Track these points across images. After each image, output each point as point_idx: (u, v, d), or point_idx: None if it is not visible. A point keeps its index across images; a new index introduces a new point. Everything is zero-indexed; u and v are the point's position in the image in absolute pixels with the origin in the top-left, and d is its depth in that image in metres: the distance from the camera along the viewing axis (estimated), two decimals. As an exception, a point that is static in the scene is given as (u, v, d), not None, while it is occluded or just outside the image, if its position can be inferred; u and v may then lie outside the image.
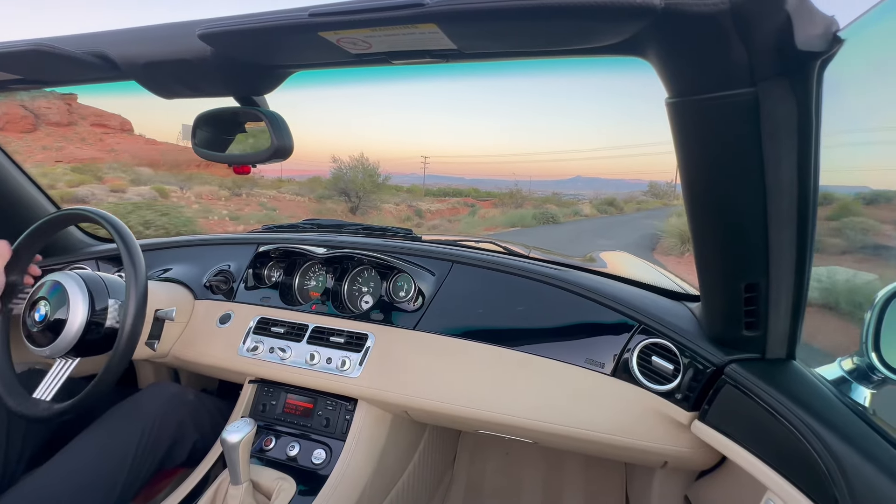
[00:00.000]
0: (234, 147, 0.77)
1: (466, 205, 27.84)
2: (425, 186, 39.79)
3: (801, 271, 0.63)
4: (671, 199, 45.20)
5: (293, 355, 1.05)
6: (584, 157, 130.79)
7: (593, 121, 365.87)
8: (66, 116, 24.51)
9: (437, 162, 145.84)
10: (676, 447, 0.85)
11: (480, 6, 0.41)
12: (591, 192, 40.75)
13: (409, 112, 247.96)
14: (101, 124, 25.44)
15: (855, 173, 4.08)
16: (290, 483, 0.92)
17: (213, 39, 0.54)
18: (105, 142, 24.38)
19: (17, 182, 1.25)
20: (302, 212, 18.66)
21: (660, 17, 0.40)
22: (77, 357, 0.92)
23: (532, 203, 28.28)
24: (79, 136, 23.96)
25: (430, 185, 36.18)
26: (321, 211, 20.08)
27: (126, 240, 0.92)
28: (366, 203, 19.60)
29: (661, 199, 41.97)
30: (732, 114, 0.51)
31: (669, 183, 51.74)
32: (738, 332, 0.73)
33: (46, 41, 0.61)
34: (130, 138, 26.75)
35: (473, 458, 1.59)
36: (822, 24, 0.44)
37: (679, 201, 0.66)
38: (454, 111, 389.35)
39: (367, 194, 19.70)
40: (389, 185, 24.81)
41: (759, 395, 0.66)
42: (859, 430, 0.57)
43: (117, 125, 26.34)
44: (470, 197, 26.62)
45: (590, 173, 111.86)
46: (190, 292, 1.20)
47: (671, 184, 50.85)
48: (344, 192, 19.53)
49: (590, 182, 57.95)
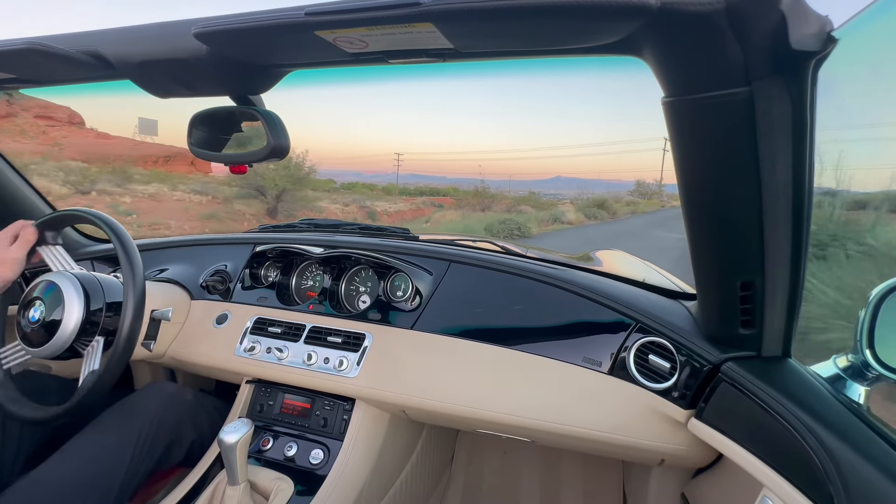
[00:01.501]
0: (230, 146, 0.77)
1: (434, 205, 23.91)
2: (401, 185, 37.02)
3: (797, 269, 0.63)
4: (663, 199, 42.12)
5: (290, 355, 1.04)
6: (568, 154, 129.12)
7: (581, 119, 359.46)
8: (3, 107, 21.38)
9: (421, 160, 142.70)
10: (673, 445, 0.85)
11: (477, 5, 0.41)
12: (573, 192, 32.73)
13: (395, 111, 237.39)
14: (46, 116, 22.48)
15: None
16: (287, 483, 0.92)
17: (208, 38, 0.54)
18: (49, 135, 21.49)
19: (12, 183, 1.24)
20: (181, 216, 13.55)
21: (655, 17, 0.40)
22: (100, 336, 0.92)
23: (507, 203, 23.69)
24: (18, 129, 20.82)
25: (410, 183, 33.82)
26: (217, 215, 14.23)
27: (123, 240, 0.91)
28: (289, 203, 15.36)
29: (651, 199, 38.57)
30: (727, 113, 0.51)
31: (657, 182, 48.86)
32: (734, 331, 0.73)
33: (40, 40, 0.60)
34: (80, 132, 23.63)
35: (471, 458, 1.59)
36: (817, 24, 0.44)
37: (677, 202, 0.66)
38: (442, 110, 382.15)
39: (288, 191, 15.35)
40: (318, 179, 20.58)
41: (755, 392, 0.66)
42: (854, 427, 0.57)
43: (65, 118, 23.33)
44: (448, 196, 23.08)
45: (571, 172, 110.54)
46: (186, 292, 1.20)
47: (659, 183, 47.85)
48: (259, 190, 15.16)
49: (569, 182, 56.72)
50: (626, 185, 41.89)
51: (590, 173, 79.85)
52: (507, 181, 22.38)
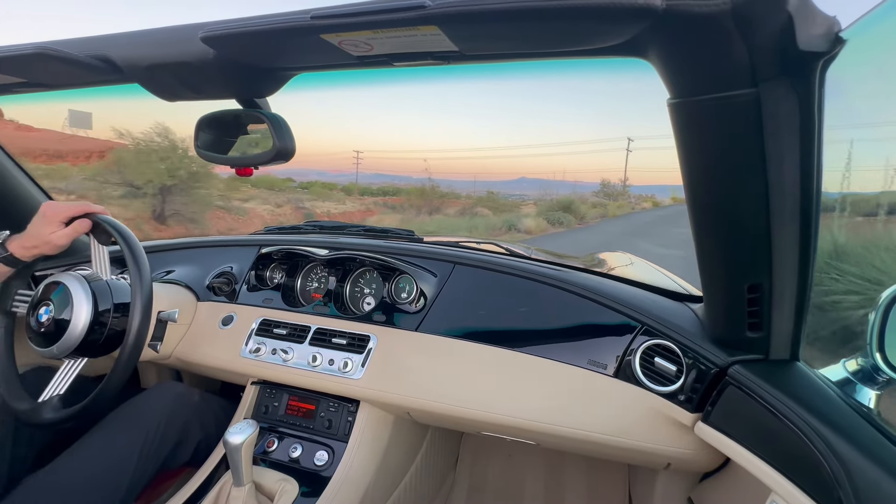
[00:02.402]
0: (236, 149, 0.78)
1: (387, 206, 21.20)
2: (364, 184, 33.98)
3: (805, 272, 0.63)
4: (631, 200, 37.81)
5: (295, 357, 1.05)
6: (533, 153, 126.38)
7: (552, 118, 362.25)
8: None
9: (391, 159, 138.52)
10: (679, 449, 0.84)
11: (482, 8, 0.41)
12: (538, 193, 29.14)
13: (369, 109, 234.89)
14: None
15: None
16: (292, 485, 0.92)
17: (215, 42, 0.54)
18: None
19: (18, 182, 1.26)
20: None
21: (661, 18, 0.40)
22: (84, 357, 0.93)
23: (460, 205, 20.60)
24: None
25: (375, 183, 31.30)
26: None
27: (130, 243, 0.92)
28: (184, 204, 10.59)
29: (618, 199, 33.79)
30: (734, 114, 0.51)
31: (622, 182, 43.12)
32: (741, 334, 0.72)
33: (50, 45, 0.61)
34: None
35: (476, 460, 1.59)
36: (824, 25, 0.44)
37: (647, 203, 0.65)
38: (420, 108, 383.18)
39: (178, 189, 10.44)
40: (275, 177, 17.92)
41: (763, 396, 0.66)
42: (864, 432, 0.56)
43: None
44: (412, 197, 20.34)
45: (536, 173, 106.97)
46: (192, 294, 1.21)
47: (624, 183, 42.73)
48: (132, 185, 10.32)
49: (533, 182, 53.80)
50: (590, 185, 39.31)
51: (555, 173, 77.75)
52: (472, 181, 21.00)
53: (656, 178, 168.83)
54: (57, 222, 0.92)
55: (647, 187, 76.57)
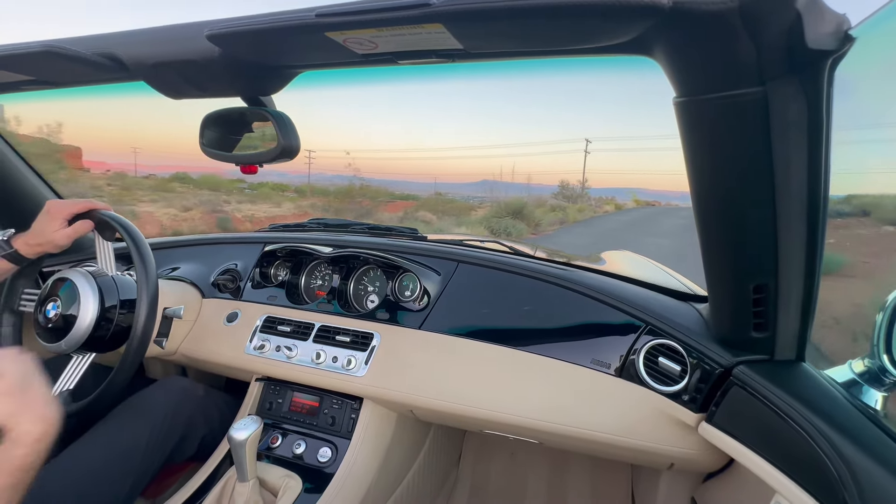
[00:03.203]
0: (241, 147, 0.78)
1: (325, 209, 18.48)
2: (322, 185, 30.50)
3: (811, 272, 0.62)
4: (591, 202, 34.33)
5: (299, 354, 1.05)
6: (497, 154, 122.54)
7: (516, 118, 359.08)
8: None
9: (361, 159, 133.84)
10: (683, 449, 0.84)
11: (487, 6, 0.41)
12: (502, 196, 25.93)
13: (342, 108, 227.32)
14: None
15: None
16: (296, 481, 0.93)
17: (220, 40, 0.54)
18: None
19: (27, 180, 1.27)
20: None
21: (667, 16, 0.40)
22: (92, 352, 0.94)
23: (400, 207, 17.92)
24: None
25: (335, 184, 28.48)
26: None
27: (136, 240, 0.93)
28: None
29: (577, 202, 30.21)
30: (741, 113, 0.50)
31: (581, 183, 38.51)
32: (746, 334, 0.72)
33: (57, 42, 0.62)
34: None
35: (478, 459, 1.59)
36: (833, 22, 0.43)
37: (609, 206, 0.64)
38: (393, 107, 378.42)
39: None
40: (223, 179, 15.87)
41: (768, 397, 0.65)
42: (870, 434, 0.56)
43: None
44: (334, 199, 18.12)
45: (499, 175, 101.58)
46: (198, 291, 1.22)
47: (583, 185, 38.49)
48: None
49: (497, 185, 47.90)
50: (549, 188, 36.85)
51: (518, 175, 74.05)
52: (433, 183, 19.54)
53: (616, 180, 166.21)
54: (60, 220, 0.93)
55: (607, 190, 74.72)
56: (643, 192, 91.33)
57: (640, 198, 54.80)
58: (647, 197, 66.68)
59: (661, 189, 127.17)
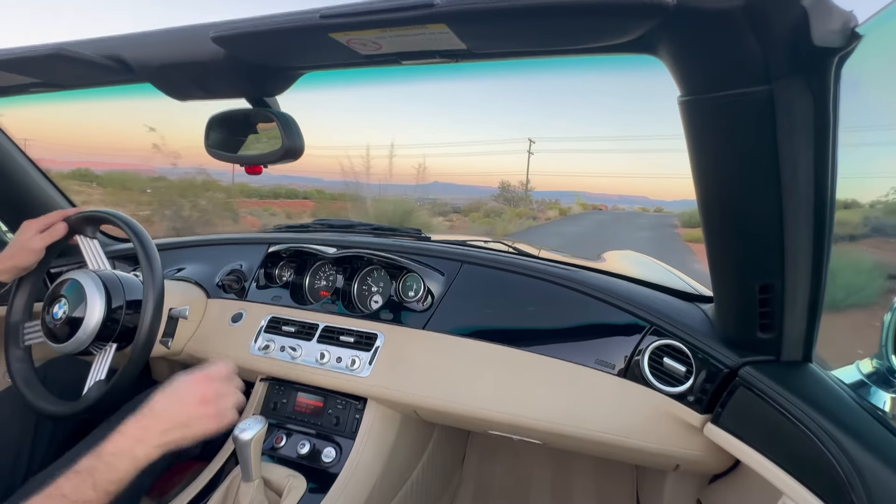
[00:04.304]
0: (245, 148, 0.78)
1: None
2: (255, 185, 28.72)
3: (818, 272, 0.62)
4: (532, 206, 30.50)
5: (304, 354, 1.05)
6: (445, 153, 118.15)
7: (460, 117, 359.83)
8: None
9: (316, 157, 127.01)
10: (688, 450, 0.84)
11: (490, 6, 0.41)
12: (448, 198, 26.12)
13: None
14: None
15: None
16: (300, 481, 0.93)
17: (226, 42, 0.55)
18: None
19: (35, 183, 1.28)
20: None
21: (672, 15, 0.40)
22: (114, 343, 0.95)
23: (278, 206, 15.86)
24: None
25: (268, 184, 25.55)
26: None
27: (143, 240, 0.94)
28: None
29: (518, 206, 27.46)
30: (747, 112, 0.50)
31: (523, 185, 35.42)
32: (752, 334, 0.71)
33: (64, 45, 0.62)
34: None
35: (482, 459, 1.59)
36: (840, 19, 0.43)
37: (553, 212, 0.62)
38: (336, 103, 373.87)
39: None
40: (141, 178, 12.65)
41: (774, 398, 0.65)
42: (878, 435, 0.55)
43: None
44: (303, 199, 16.78)
45: (449, 177, 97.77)
46: (203, 291, 1.22)
47: (526, 188, 35.51)
48: None
49: (447, 187, 47.75)
50: (492, 190, 34.64)
51: (470, 177, 69.73)
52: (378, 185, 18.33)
53: (561, 183, 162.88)
54: (34, 230, 0.95)
55: (551, 193, 71.82)
56: (588, 196, 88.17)
57: (584, 201, 49.96)
58: (591, 200, 64.60)
59: (603, 192, 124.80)
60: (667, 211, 59.80)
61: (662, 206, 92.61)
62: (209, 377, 0.78)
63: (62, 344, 0.92)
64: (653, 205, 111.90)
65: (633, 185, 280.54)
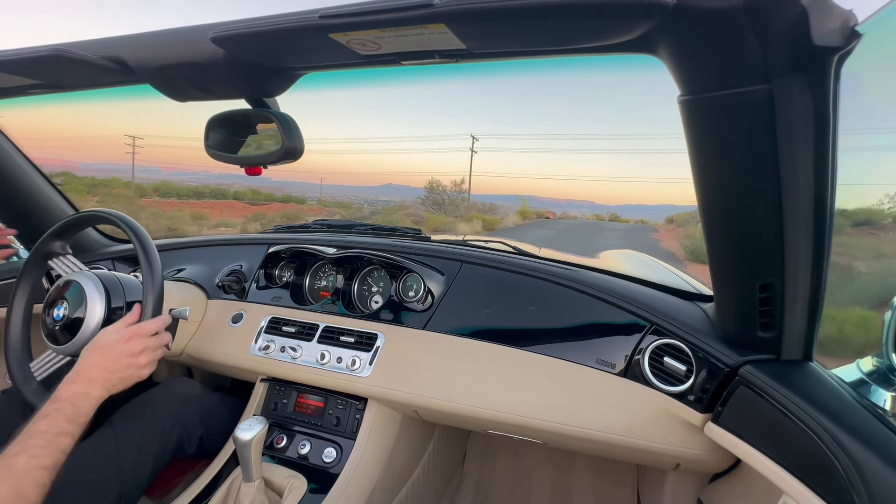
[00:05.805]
0: (245, 149, 0.78)
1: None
2: (162, 182, 25.18)
3: (818, 271, 0.62)
4: (458, 211, 26.13)
5: (304, 354, 1.05)
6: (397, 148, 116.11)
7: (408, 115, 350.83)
8: None
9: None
10: (689, 449, 0.84)
11: (489, 6, 0.41)
12: (399, 199, 22.02)
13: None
14: None
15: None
16: (301, 481, 0.93)
17: (225, 42, 0.55)
18: None
19: (35, 184, 1.28)
20: None
21: (672, 14, 0.40)
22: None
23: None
24: None
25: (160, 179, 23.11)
26: None
27: (143, 241, 0.94)
28: None
29: (445, 212, 23.99)
30: (747, 111, 0.50)
31: (458, 185, 29.38)
32: (752, 333, 0.71)
33: (65, 46, 0.62)
34: None
35: (483, 459, 1.59)
36: (840, 18, 0.43)
37: (478, 223, 0.60)
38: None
39: None
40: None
41: (775, 396, 0.65)
42: (879, 434, 0.55)
43: None
44: (232, 199, 16.06)
45: (404, 179, 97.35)
46: (203, 292, 1.22)
47: (460, 189, 29.62)
48: None
49: (401, 189, 47.60)
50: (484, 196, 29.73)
51: (421, 178, 66.31)
52: (318, 185, 16.52)
53: (510, 185, 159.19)
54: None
55: (495, 197, 65.52)
56: (530, 200, 78.78)
57: (528, 207, 38.71)
58: (540, 205, 58.20)
59: (552, 197, 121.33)
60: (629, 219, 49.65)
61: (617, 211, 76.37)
62: (133, 334, 0.86)
63: (63, 346, 0.92)
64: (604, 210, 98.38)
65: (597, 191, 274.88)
